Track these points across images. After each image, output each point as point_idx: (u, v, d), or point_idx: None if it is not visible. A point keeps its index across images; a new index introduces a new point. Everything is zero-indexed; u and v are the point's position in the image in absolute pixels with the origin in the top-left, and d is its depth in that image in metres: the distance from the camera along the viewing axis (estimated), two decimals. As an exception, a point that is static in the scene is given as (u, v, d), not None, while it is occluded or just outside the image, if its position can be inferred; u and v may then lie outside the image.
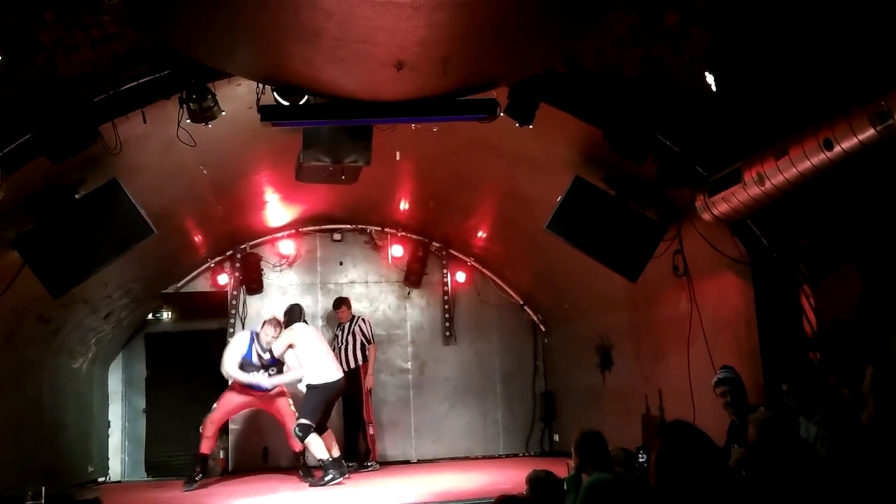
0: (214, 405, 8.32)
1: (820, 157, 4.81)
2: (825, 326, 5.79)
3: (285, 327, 8.55)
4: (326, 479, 8.00)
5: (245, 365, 8.25)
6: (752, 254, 6.18)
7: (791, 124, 5.10)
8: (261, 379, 8.18)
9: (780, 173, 5.15)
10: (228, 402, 8.35)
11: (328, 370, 8.39)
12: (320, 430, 8.26)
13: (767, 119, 5.37)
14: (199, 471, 8.22)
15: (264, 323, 8.38)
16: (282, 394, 8.48)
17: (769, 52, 4.96)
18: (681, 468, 2.70)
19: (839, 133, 4.63)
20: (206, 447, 8.26)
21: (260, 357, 8.26)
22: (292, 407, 8.48)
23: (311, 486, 8.05)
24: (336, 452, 8.31)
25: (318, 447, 8.10)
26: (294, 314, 8.79)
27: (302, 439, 8.07)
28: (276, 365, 8.36)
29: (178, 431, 10.49)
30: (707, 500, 2.70)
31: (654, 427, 7.72)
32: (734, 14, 4.80)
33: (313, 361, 8.35)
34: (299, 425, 8.09)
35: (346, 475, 8.20)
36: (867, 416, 3.81)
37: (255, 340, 8.29)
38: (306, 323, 8.86)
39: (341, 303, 9.82)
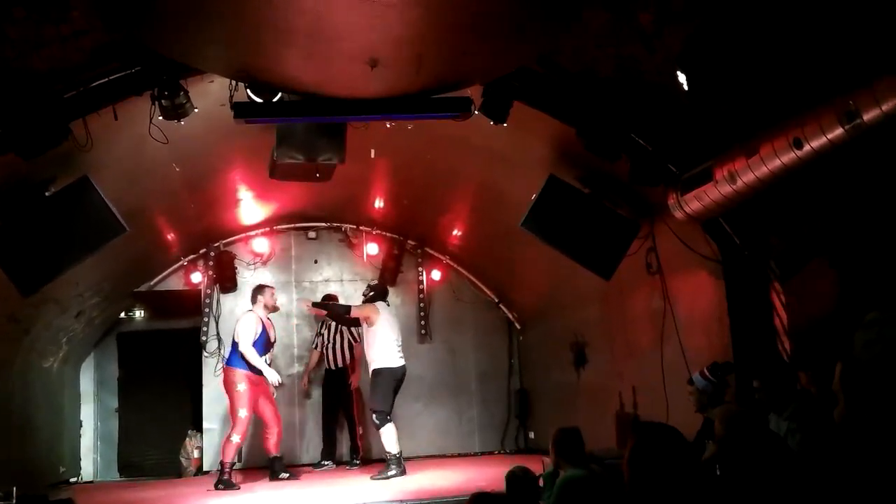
0: (243, 411, 7.99)
1: (790, 156, 4.87)
2: (795, 323, 5.86)
3: (369, 302, 8.52)
4: (389, 473, 8.00)
5: (265, 344, 8.23)
6: (724, 252, 6.24)
7: (762, 123, 5.16)
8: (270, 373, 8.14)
9: (750, 172, 5.19)
10: (250, 402, 8.10)
11: (395, 355, 8.32)
12: None
13: (739, 118, 5.42)
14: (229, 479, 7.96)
15: (263, 288, 8.49)
16: (269, 390, 8.38)
17: (741, 52, 5.00)
18: (654, 464, 2.72)
19: (809, 132, 4.69)
20: (234, 454, 8.08)
21: (272, 335, 8.34)
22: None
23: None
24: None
25: (391, 439, 8.10)
26: (378, 292, 8.71)
27: (379, 427, 8.07)
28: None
29: (151, 431, 10.44)
30: (680, 495, 2.73)
31: (627, 424, 7.77)
32: (707, 14, 4.84)
33: (383, 344, 8.26)
34: (376, 413, 8.08)
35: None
36: (838, 412, 3.86)
37: (260, 318, 8.27)
38: (388, 304, 8.77)
39: (329, 300, 9.74)
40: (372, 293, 8.65)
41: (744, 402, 5.52)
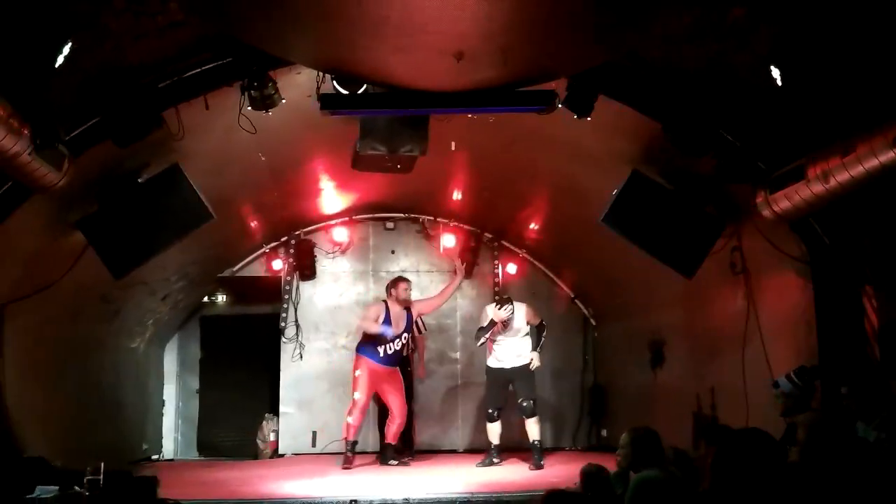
0: (357, 393, 8.39)
1: (888, 156, 4.69)
2: (887, 329, 5.65)
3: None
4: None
5: (382, 335, 8.36)
6: (813, 252, 6.05)
7: (858, 122, 4.98)
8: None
9: (845, 171, 5.02)
10: (366, 387, 8.44)
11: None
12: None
13: (833, 116, 5.25)
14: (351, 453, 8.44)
15: (397, 281, 8.71)
16: (400, 383, 8.68)
17: (836, 49, 4.85)
18: (740, 470, 2.67)
19: (910, 131, 4.51)
20: (353, 433, 8.46)
21: (396, 327, 8.45)
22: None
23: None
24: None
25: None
26: None
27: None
28: (408, 332, 8.60)
29: (229, 412, 10.71)
30: (763, 500, 2.67)
31: (705, 426, 7.62)
32: (802, 9, 4.70)
33: None
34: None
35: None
36: None
37: (389, 310, 8.48)
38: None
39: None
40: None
41: (831, 409, 5.35)
